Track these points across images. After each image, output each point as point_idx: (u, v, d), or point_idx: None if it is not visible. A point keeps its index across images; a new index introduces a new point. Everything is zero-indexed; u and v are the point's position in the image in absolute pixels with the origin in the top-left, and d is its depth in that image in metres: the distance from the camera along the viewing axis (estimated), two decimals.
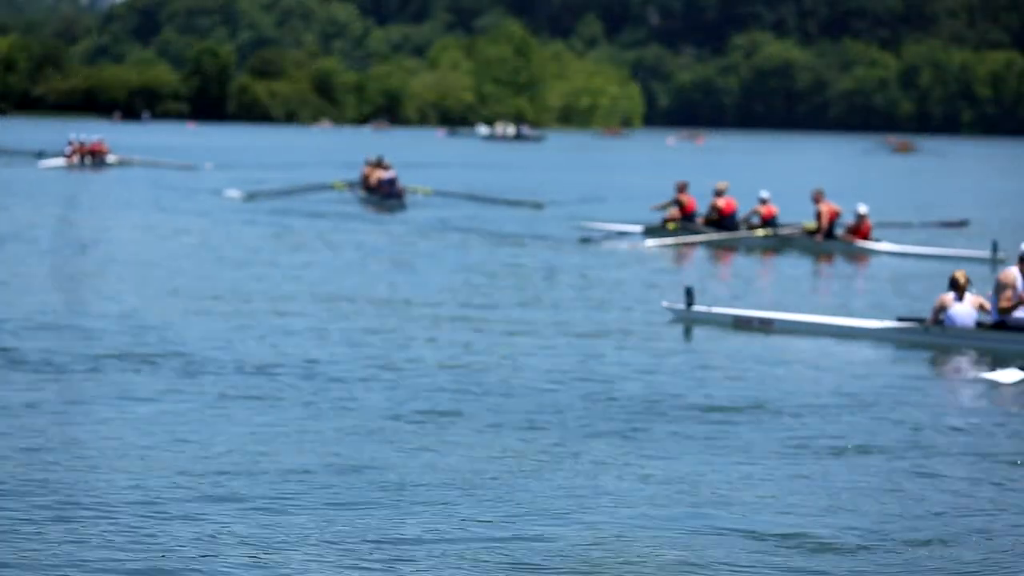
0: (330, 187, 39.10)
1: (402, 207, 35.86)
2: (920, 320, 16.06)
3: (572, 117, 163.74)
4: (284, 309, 17.26)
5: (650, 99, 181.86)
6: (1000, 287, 15.63)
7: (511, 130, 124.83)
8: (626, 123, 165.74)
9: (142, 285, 19.36)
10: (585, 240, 28.08)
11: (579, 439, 10.69)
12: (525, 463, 9.89)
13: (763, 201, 28.16)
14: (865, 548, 8.19)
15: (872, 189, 46.94)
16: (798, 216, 28.75)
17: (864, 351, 15.52)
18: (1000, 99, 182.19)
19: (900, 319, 16.33)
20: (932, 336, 15.74)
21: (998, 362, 14.54)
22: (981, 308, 15.83)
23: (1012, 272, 15.69)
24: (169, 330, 15.15)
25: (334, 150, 79.16)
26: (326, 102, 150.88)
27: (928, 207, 40.34)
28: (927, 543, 8.28)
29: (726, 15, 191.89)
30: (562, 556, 7.82)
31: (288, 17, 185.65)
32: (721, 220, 28.16)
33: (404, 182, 37.82)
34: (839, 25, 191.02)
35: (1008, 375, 13.89)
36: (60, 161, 52.43)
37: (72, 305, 17.24)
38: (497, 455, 10.09)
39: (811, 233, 27.26)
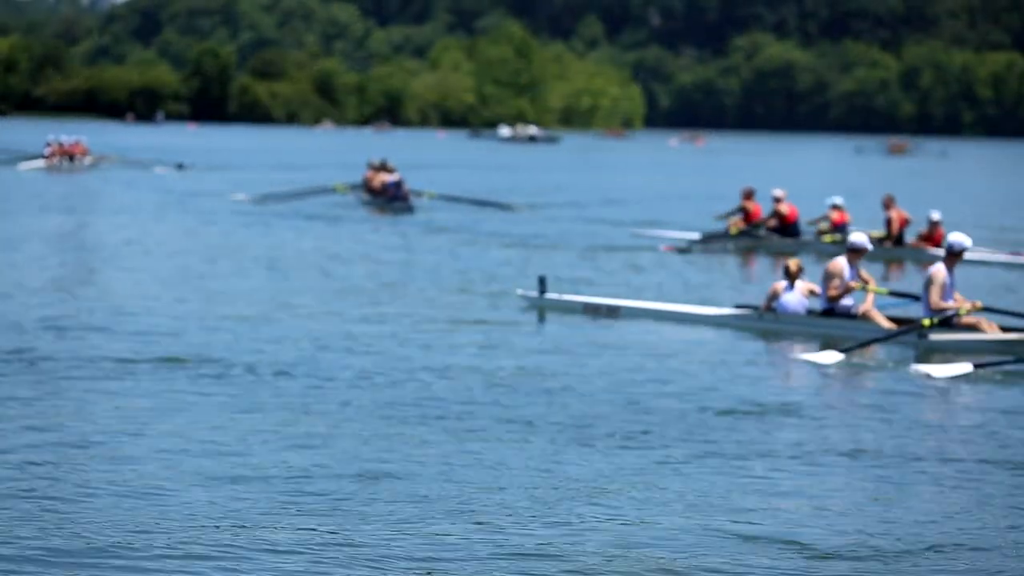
0: (332, 190, 39.04)
1: (409, 210, 35.00)
2: (755, 307, 17.13)
3: (573, 118, 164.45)
4: (290, 310, 17.54)
5: (651, 100, 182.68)
6: (828, 276, 16.59)
7: (531, 131, 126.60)
8: (627, 124, 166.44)
9: (147, 286, 19.68)
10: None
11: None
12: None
13: (836, 207, 28.01)
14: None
15: (859, 190, 47.32)
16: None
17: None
18: (1001, 100, 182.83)
19: (737, 306, 17.40)
20: (765, 322, 16.74)
21: (825, 346, 15.43)
22: (812, 293, 16.90)
23: (840, 262, 16.65)
24: (171, 332, 15.34)
25: (337, 151, 79.12)
26: (327, 103, 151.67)
27: (918, 207, 40.58)
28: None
29: (727, 16, 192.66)
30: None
31: (289, 18, 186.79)
32: (784, 227, 27.91)
33: (415, 185, 37.48)
34: (840, 26, 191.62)
35: (827, 356, 14.98)
36: (40, 163, 52.84)
37: (84, 307, 17.40)
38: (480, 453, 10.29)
39: (880, 240, 26.70)
